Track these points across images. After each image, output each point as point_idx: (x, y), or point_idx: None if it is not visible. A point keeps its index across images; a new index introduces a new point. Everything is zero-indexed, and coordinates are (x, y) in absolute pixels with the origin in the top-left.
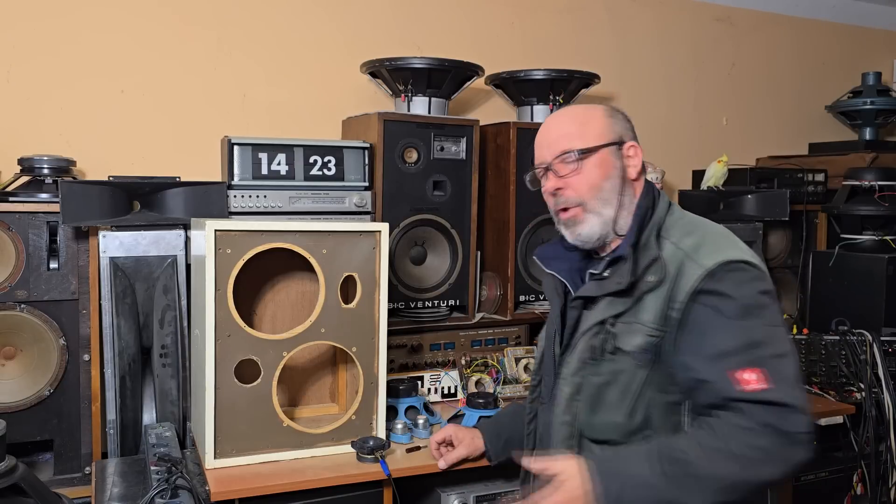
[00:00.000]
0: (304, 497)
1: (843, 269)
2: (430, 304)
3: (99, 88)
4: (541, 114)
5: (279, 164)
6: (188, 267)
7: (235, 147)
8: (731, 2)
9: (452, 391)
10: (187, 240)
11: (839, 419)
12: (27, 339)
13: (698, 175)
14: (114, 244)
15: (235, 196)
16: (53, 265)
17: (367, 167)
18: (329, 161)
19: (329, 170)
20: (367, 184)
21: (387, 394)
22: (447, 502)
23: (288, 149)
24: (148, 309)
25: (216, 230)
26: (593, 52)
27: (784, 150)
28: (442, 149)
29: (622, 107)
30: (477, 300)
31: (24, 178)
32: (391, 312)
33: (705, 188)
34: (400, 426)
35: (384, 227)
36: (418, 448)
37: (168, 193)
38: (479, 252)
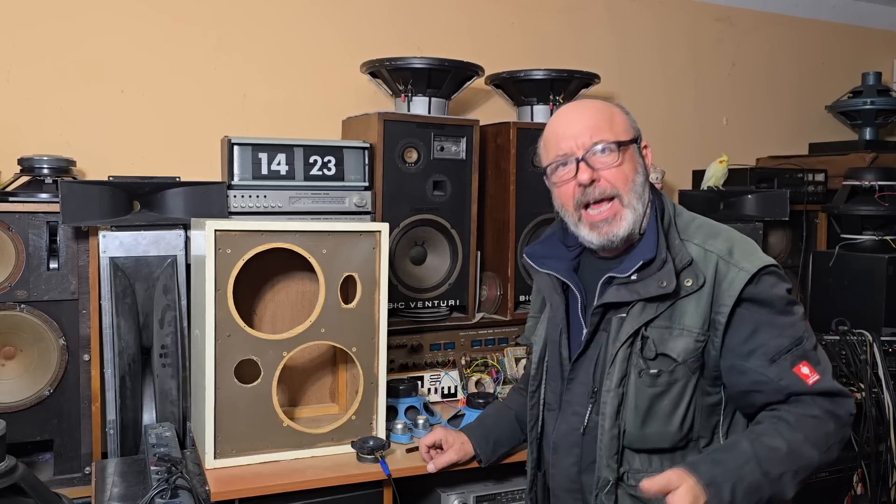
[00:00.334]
0: (304, 497)
1: (843, 269)
2: (430, 304)
3: (99, 88)
4: (541, 114)
5: (279, 164)
6: (188, 267)
7: (235, 147)
8: (731, 2)
9: (452, 391)
10: (187, 240)
11: None
12: (27, 339)
13: (698, 175)
14: (114, 244)
15: (235, 196)
16: (53, 265)
17: (367, 167)
18: (329, 161)
19: (329, 170)
20: (367, 184)
21: (387, 394)
22: (447, 502)
23: (288, 149)
24: (148, 309)
25: (216, 230)
26: (593, 52)
27: (784, 150)
28: (442, 149)
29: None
30: (477, 300)
31: (24, 178)
32: (391, 312)
33: (705, 188)
34: (400, 426)
35: (384, 227)
36: (418, 448)
37: (168, 193)
38: (479, 252)
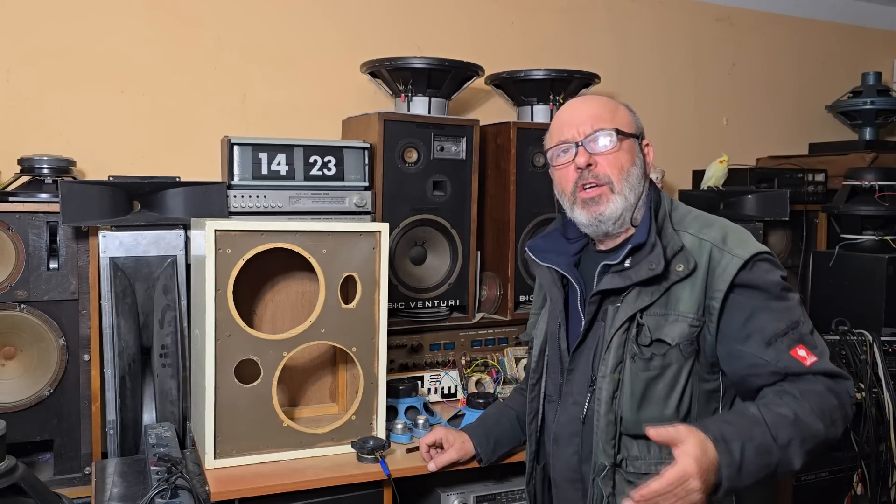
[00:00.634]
0: (304, 497)
1: (843, 269)
2: (430, 304)
3: (99, 88)
4: (541, 114)
5: (279, 164)
6: (188, 267)
7: (235, 147)
8: (731, 2)
9: (452, 391)
10: (187, 240)
11: None
12: (27, 339)
13: (698, 175)
14: (114, 244)
15: (235, 196)
16: (53, 265)
17: (367, 167)
18: (329, 161)
19: (329, 170)
20: (367, 184)
21: (387, 394)
22: (447, 502)
23: (288, 149)
24: (148, 309)
25: (216, 230)
26: (593, 51)
27: (784, 150)
28: (442, 149)
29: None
30: (477, 300)
31: (24, 178)
32: (391, 312)
33: (705, 188)
34: (400, 426)
35: (384, 227)
36: (418, 448)
37: (168, 193)
38: (479, 252)
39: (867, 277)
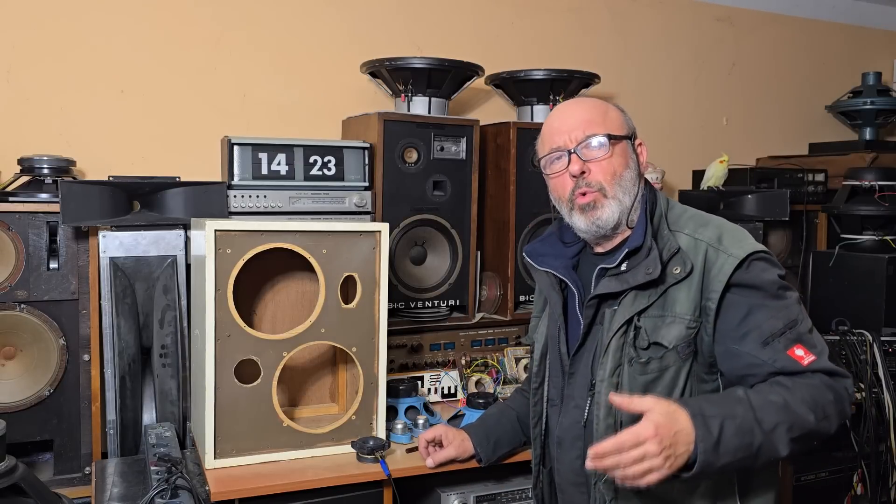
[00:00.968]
0: (304, 497)
1: (843, 269)
2: (430, 304)
3: (99, 88)
4: (541, 114)
5: (279, 164)
6: (188, 267)
7: (235, 147)
8: (732, 1)
9: (452, 391)
10: (187, 240)
11: None
12: (27, 339)
13: (698, 175)
14: (114, 244)
15: (235, 196)
16: (53, 265)
17: (367, 167)
18: (329, 161)
19: (329, 170)
20: (367, 184)
21: (387, 394)
22: (447, 502)
23: (288, 149)
24: (148, 309)
25: (216, 230)
26: (593, 51)
27: (784, 150)
28: (442, 149)
29: (623, 106)
30: (477, 300)
31: (24, 178)
32: (391, 312)
33: (705, 188)
34: (400, 426)
35: (384, 227)
36: (418, 448)
37: (168, 193)
38: (479, 252)
39: (867, 277)
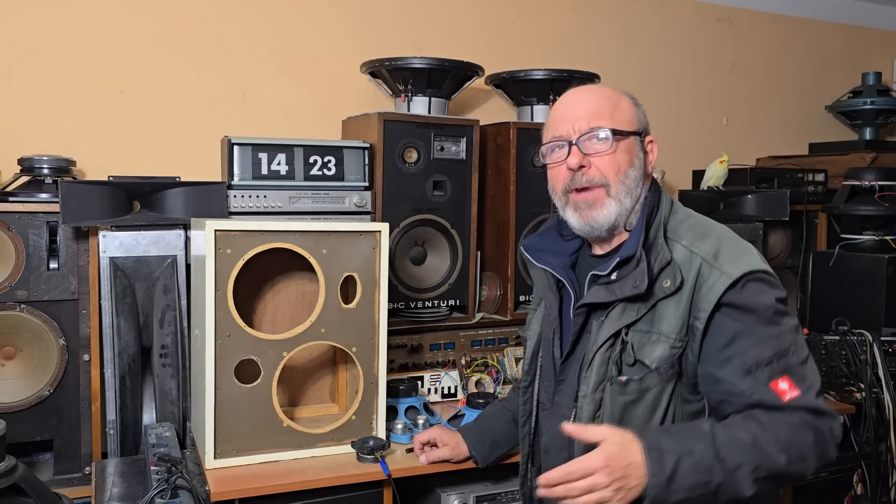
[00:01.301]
0: (304, 497)
1: (843, 269)
2: (430, 304)
3: (99, 88)
4: (541, 114)
5: (279, 164)
6: (188, 267)
7: (235, 147)
8: (732, 2)
9: (452, 391)
10: (187, 240)
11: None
12: (27, 339)
13: (698, 175)
14: (114, 244)
15: (235, 196)
16: (53, 265)
17: (367, 167)
18: (329, 161)
19: (329, 170)
20: (367, 184)
21: (387, 394)
22: (447, 502)
23: (288, 149)
24: (148, 309)
25: (216, 230)
26: (594, 51)
27: (784, 150)
28: (442, 149)
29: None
30: (477, 300)
31: (24, 178)
32: (391, 312)
33: (705, 188)
34: (400, 426)
35: (384, 227)
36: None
37: (168, 193)
38: (479, 252)
39: (867, 277)
